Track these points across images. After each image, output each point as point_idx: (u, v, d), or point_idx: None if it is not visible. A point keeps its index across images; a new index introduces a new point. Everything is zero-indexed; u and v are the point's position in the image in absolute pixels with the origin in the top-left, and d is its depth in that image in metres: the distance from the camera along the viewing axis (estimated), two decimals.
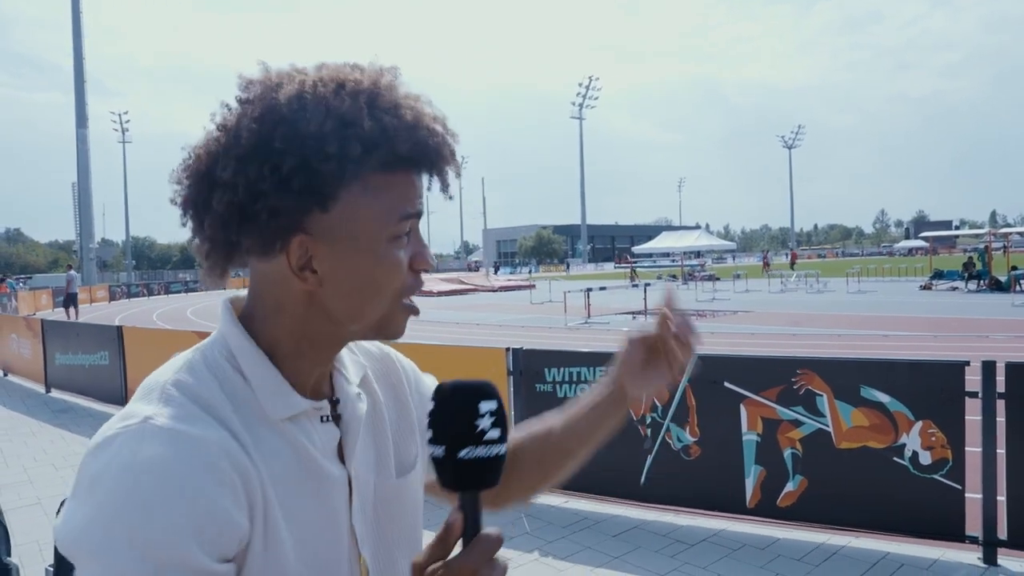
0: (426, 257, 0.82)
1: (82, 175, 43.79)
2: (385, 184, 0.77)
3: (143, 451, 0.68)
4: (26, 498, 5.29)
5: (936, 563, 3.72)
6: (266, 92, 0.75)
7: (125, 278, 70.00)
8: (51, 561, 1.57)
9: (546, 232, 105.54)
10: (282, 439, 0.79)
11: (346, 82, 0.76)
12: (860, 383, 3.95)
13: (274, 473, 0.76)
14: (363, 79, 0.77)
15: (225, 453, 0.71)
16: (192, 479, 0.67)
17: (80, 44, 43.21)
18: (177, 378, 0.76)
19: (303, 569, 0.77)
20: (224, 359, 0.80)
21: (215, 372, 0.78)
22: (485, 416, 0.71)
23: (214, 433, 0.72)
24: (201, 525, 0.67)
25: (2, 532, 1.57)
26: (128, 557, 0.64)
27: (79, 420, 8.10)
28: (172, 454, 0.68)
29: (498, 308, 23.19)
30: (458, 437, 0.70)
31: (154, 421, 0.70)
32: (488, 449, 0.71)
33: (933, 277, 25.87)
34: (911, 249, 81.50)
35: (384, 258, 0.78)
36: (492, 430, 0.71)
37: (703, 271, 38.39)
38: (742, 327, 14.86)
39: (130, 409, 0.73)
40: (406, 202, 0.79)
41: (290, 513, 0.77)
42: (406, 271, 0.80)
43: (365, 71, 0.78)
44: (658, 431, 4.51)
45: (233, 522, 0.70)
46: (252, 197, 0.73)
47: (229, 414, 0.75)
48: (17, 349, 11.20)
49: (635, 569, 3.82)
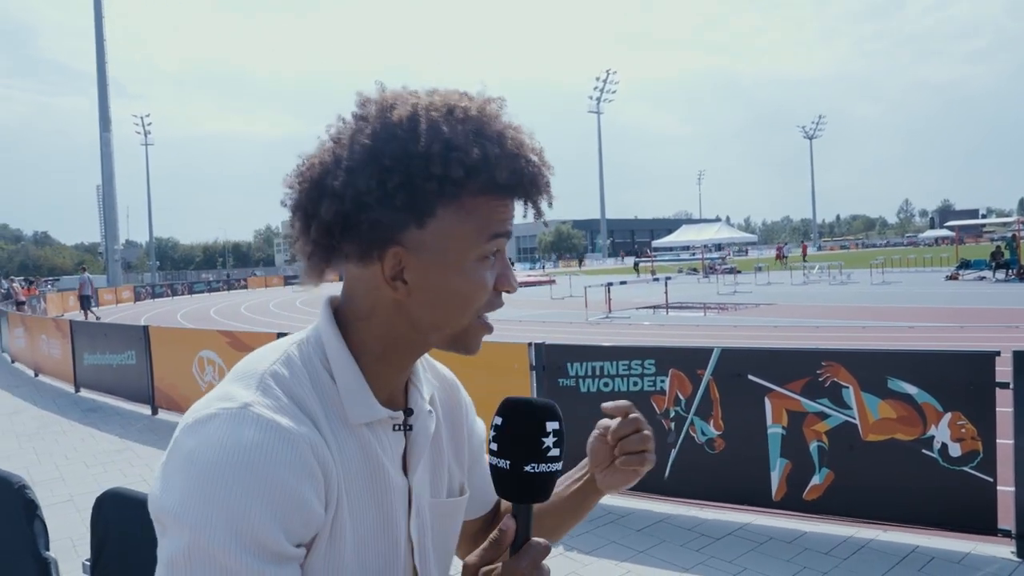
0: (509, 279, 0.86)
1: (106, 178, 44.39)
2: (480, 207, 0.81)
3: (242, 435, 0.72)
4: (59, 495, 5.38)
5: (967, 556, 3.67)
6: (381, 111, 0.80)
7: (149, 279, 70.89)
8: (87, 556, 1.61)
9: (565, 227, 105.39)
10: (357, 442, 0.84)
11: (456, 108, 0.79)
12: (887, 374, 3.90)
13: (348, 473, 0.81)
14: (471, 106, 0.81)
15: (312, 448, 0.76)
16: (284, 469, 0.72)
17: (103, 49, 43.77)
18: (275, 370, 0.81)
19: (358, 569, 0.82)
20: (317, 357, 0.85)
21: (308, 369, 0.84)
22: (550, 435, 0.77)
23: (305, 428, 0.77)
24: (287, 512, 0.72)
25: (40, 527, 1.60)
26: (220, 533, 0.69)
27: (107, 419, 8.23)
28: (268, 443, 0.73)
29: (518, 304, 23.21)
30: (525, 452, 0.76)
31: (253, 408, 0.75)
32: (550, 466, 0.77)
33: (960, 267, 25.48)
34: (937, 239, 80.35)
35: (470, 275, 0.83)
36: (554, 449, 0.77)
37: (724, 264, 38.09)
38: (764, 320, 14.75)
39: (227, 391, 0.78)
40: (497, 224, 0.83)
41: (354, 513, 0.82)
42: (489, 289, 0.85)
43: (474, 99, 0.82)
44: (682, 425, 4.49)
45: (313, 512, 0.75)
46: (358, 208, 0.78)
47: (318, 412, 0.81)
48: (47, 350, 11.39)
49: (660, 563, 3.81)
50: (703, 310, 17.87)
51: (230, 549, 0.69)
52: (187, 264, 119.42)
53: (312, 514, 0.75)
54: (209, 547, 0.68)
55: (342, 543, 0.80)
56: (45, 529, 1.62)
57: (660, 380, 4.57)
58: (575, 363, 4.82)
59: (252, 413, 0.74)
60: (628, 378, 4.66)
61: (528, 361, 4.98)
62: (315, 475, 0.76)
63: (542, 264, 72.55)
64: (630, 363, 4.66)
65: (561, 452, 0.78)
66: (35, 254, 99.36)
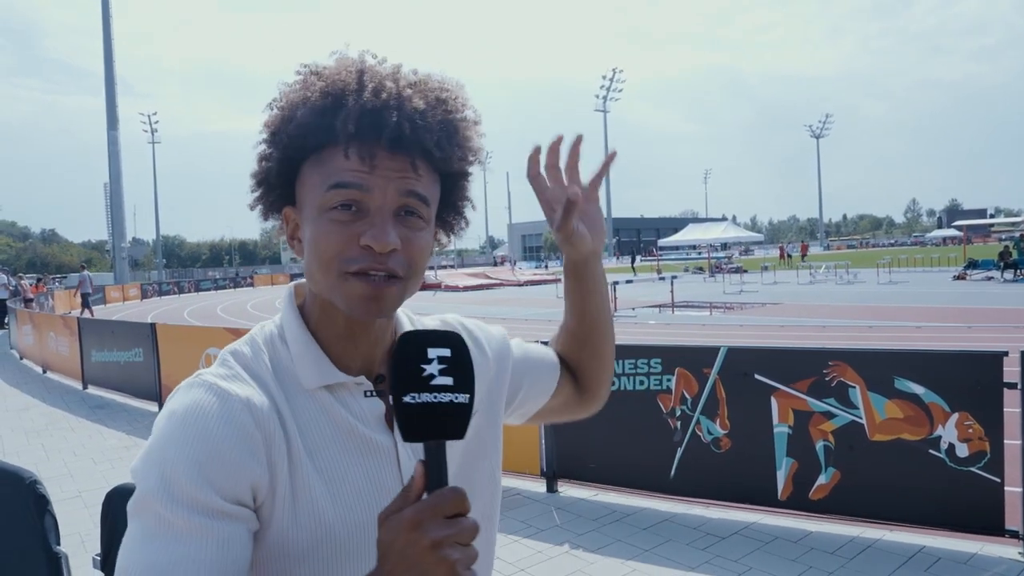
0: (372, 234, 0.81)
1: (113, 176, 44.53)
2: (326, 158, 0.84)
3: (184, 399, 0.80)
4: (68, 491, 5.42)
5: (974, 557, 3.67)
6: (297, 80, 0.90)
7: (156, 276, 71.09)
8: (96, 551, 1.62)
9: None
10: (318, 406, 0.87)
11: (347, 70, 0.85)
12: (894, 374, 3.90)
13: (310, 435, 0.85)
14: (364, 69, 0.85)
15: (249, 410, 0.80)
16: (209, 424, 0.77)
17: (110, 48, 43.90)
18: (236, 348, 0.90)
19: (341, 527, 0.84)
20: (278, 334, 0.91)
21: (268, 345, 0.90)
22: (433, 362, 0.70)
23: (247, 392, 0.82)
24: (205, 464, 0.75)
25: (51, 521, 1.61)
26: (154, 483, 0.75)
27: (115, 415, 8.27)
28: (201, 403, 0.79)
29: (524, 302, 23.21)
30: (403, 382, 0.69)
31: (203, 377, 0.83)
32: (437, 395, 0.68)
33: (967, 267, 25.37)
34: (944, 238, 80.00)
35: (315, 224, 0.84)
36: (442, 377, 0.69)
37: (730, 263, 38.03)
38: (771, 319, 14.72)
39: (203, 368, 0.87)
40: (336, 173, 0.82)
41: (327, 471, 0.85)
42: (337, 241, 0.82)
43: (377, 66, 0.88)
44: (688, 424, 4.49)
45: (242, 468, 0.78)
46: (258, 168, 0.90)
47: (270, 381, 0.86)
48: (55, 347, 11.45)
49: (666, 562, 3.82)
50: (709, 309, 17.84)
51: (162, 499, 0.74)
52: (193, 262, 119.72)
53: (240, 469, 0.77)
54: (147, 497, 0.75)
55: (312, 502, 0.82)
56: (56, 524, 1.64)
57: (666, 379, 4.57)
58: None
59: (200, 381, 0.82)
60: (634, 377, 4.66)
61: None
62: (247, 433, 0.79)
63: (545, 263, 72.50)
64: (636, 362, 4.66)
65: (463, 382, 0.70)
66: (43, 252, 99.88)
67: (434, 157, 0.84)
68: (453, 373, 0.70)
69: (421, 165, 0.83)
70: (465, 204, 0.96)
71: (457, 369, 0.71)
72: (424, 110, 0.83)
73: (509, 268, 47.84)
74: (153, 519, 0.74)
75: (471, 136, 0.89)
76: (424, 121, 0.82)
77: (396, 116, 0.80)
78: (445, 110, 0.85)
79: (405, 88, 0.83)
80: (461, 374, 0.71)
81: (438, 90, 0.87)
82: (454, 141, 0.86)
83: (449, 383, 0.69)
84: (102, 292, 32.95)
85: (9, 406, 9.22)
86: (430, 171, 0.86)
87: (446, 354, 0.70)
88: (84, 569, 1.89)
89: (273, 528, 0.81)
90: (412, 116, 0.81)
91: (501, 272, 42.64)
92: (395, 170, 0.82)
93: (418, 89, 0.85)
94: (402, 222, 0.83)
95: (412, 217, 0.84)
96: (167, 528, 0.74)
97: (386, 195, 0.82)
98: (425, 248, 0.87)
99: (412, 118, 0.81)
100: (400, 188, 0.82)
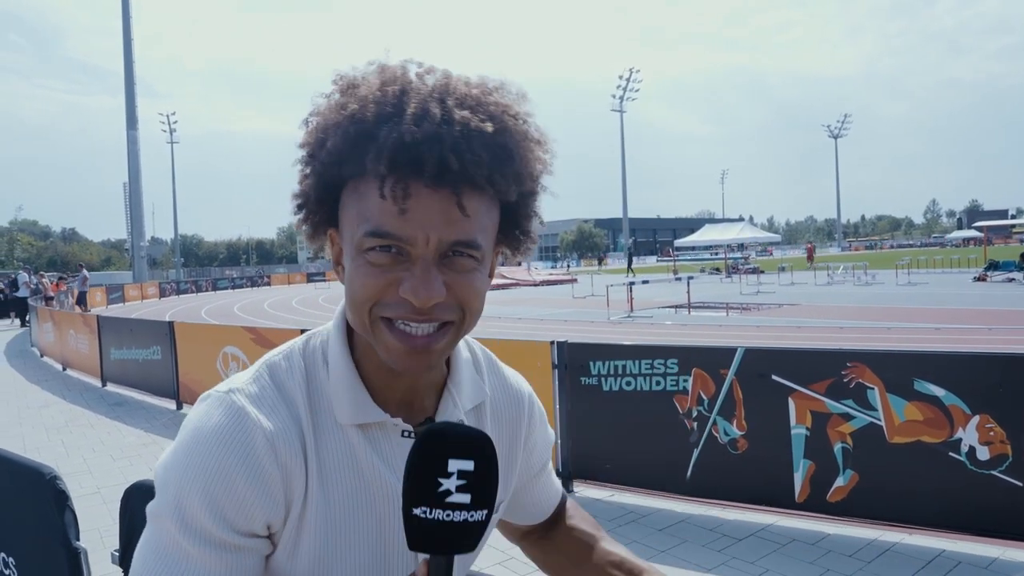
0: (411, 286, 0.72)
1: (133, 175, 44.93)
2: (364, 191, 0.74)
3: (210, 420, 0.77)
4: (87, 487, 5.47)
5: (995, 562, 3.62)
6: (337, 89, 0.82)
7: (174, 275, 71.74)
8: (115, 547, 1.63)
9: (587, 226, 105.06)
10: (345, 442, 0.81)
11: (389, 86, 0.77)
12: (913, 376, 3.85)
13: (330, 478, 0.80)
14: (407, 85, 0.76)
15: (272, 446, 0.76)
16: (228, 462, 0.75)
17: (130, 49, 44.29)
18: (275, 360, 0.84)
19: (343, 566, 0.81)
20: (321, 353, 0.85)
21: (308, 363, 0.84)
22: (453, 476, 0.62)
23: (272, 423, 0.77)
24: (220, 500, 0.74)
25: (71, 517, 1.63)
26: (170, 502, 0.75)
27: (133, 413, 8.34)
28: (226, 431, 0.76)
29: (540, 302, 23.18)
30: (416, 493, 0.63)
31: (232, 395, 0.79)
32: (449, 514, 0.62)
33: (988, 268, 25.02)
34: (964, 239, 79.06)
35: (355, 264, 0.75)
36: (459, 494, 0.62)
37: (747, 264, 37.78)
38: (788, 320, 14.60)
39: (237, 375, 0.83)
40: (372, 216, 0.72)
41: (334, 509, 0.80)
42: (379, 288, 0.73)
43: (418, 79, 0.79)
44: (705, 424, 4.47)
45: (257, 507, 0.76)
46: (300, 186, 0.82)
47: (301, 407, 0.80)
48: (75, 345, 11.57)
49: (682, 563, 3.79)
50: (726, 310, 17.73)
51: (175, 521, 0.74)
52: (211, 261, 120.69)
53: (255, 510, 0.76)
54: (163, 511, 0.76)
55: (313, 537, 0.79)
56: (76, 519, 1.65)
57: (683, 380, 4.54)
58: (597, 362, 4.80)
59: (228, 399, 0.78)
60: (651, 377, 4.64)
61: (551, 359, 4.98)
62: (266, 474, 0.76)
63: (566, 263, 72.43)
64: (652, 362, 4.64)
65: (476, 500, 0.63)
66: (63, 250, 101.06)
67: (486, 191, 0.74)
68: (472, 490, 0.63)
69: (471, 201, 0.72)
70: (531, 222, 0.84)
71: (478, 484, 0.63)
72: (473, 136, 0.71)
73: (525, 268, 47.80)
74: (167, 535, 0.75)
75: (531, 159, 0.77)
76: (473, 152, 0.70)
77: (439, 149, 0.69)
78: (500, 130, 0.73)
79: (453, 109, 0.72)
80: (481, 489, 0.63)
81: (493, 106, 0.75)
82: (510, 170, 0.74)
83: (466, 501, 0.63)
84: (121, 290, 33.27)
85: (30, 403, 9.33)
86: (485, 201, 0.75)
87: (468, 468, 0.63)
88: (103, 564, 1.91)
89: (274, 556, 0.80)
90: (459, 146, 0.70)
91: (517, 272, 42.59)
92: (439, 212, 0.71)
93: (467, 106, 0.73)
94: (449, 265, 0.74)
95: (462, 258, 0.74)
96: (178, 548, 0.74)
97: (428, 243, 0.71)
98: (479, 288, 0.77)
99: (459, 149, 0.70)
100: (444, 236, 0.72)
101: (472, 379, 0.93)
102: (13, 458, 1.81)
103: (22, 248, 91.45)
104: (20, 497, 1.76)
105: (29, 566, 1.77)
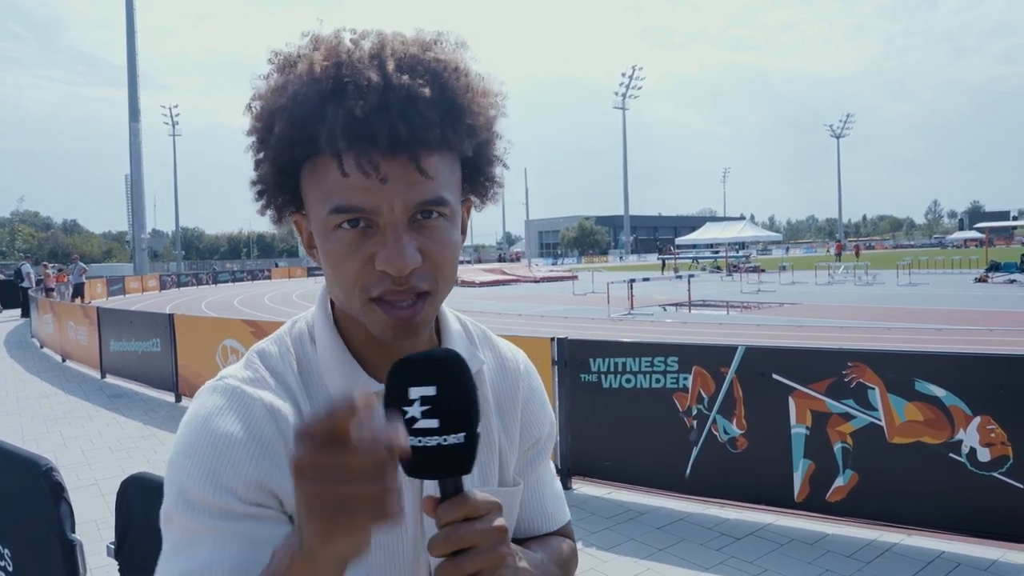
0: (387, 257, 0.72)
1: (134, 168, 44.91)
2: (322, 169, 0.74)
3: (204, 406, 0.79)
4: (84, 479, 5.47)
5: (995, 564, 3.61)
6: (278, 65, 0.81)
7: (175, 268, 71.89)
8: (111, 539, 1.62)
9: (588, 223, 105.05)
10: None
11: (336, 53, 0.76)
12: (914, 376, 3.84)
13: None
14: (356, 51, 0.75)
15: (272, 416, 0.77)
16: (223, 431, 0.75)
17: (133, 41, 44.23)
18: (264, 347, 0.86)
19: None
20: (308, 334, 0.86)
21: (297, 345, 0.86)
22: (415, 403, 0.63)
23: (270, 398, 0.79)
24: (220, 471, 0.74)
25: (67, 509, 1.62)
26: (174, 497, 0.75)
27: (132, 405, 8.34)
28: (220, 408, 0.77)
29: (540, 299, 23.17)
30: None
31: (226, 381, 0.81)
32: (421, 440, 0.63)
33: (989, 269, 25.00)
34: (965, 240, 79.02)
35: (328, 244, 0.75)
36: (426, 419, 0.63)
37: (748, 263, 37.75)
38: (789, 319, 14.60)
39: (228, 367, 0.84)
40: (337, 193, 0.72)
41: None
42: (358, 267, 0.73)
43: (362, 44, 0.78)
44: (704, 423, 4.46)
45: (260, 472, 0.75)
46: (256, 170, 0.81)
47: (295, 385, 0.82)
48: (75, 336, 11.57)
49: (680, 562, 3.79)
50: (726, 308, 17.72)
51: (183, 511, 0.74)
52: (212, 254, 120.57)
53: (259, 475, 0.75)
54: (170, 511, 0.75)
55: None
56: (71, 512, 1.64)
57: (683, 377, 4.53)
58: (597, 359, 4.79)
59: (223, 384, 0.80)
60: (651, 375, 4.62)
61: (551, 356, 4.97)
62: (267, 440, 0.76)
63: (572, 259, 72.43)
64: (653, 360, 4.63)
65: (447, 424, 0.63)
66: (64, 242, 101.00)
67: (442, 150, 0.74)
68: (439, 414, 0.63)
69: (429, 162, 0.72)
70: (494, 168, 0.84)
71: (444, 408, 0.63)
72: (418, 99, 0.71)
73: (525, 264, 47.76)
74: (179, 531, 0.74)
75: (480, 109, 0.77)
76: (421, 116, 0.70)
77: (388, 119, 0.69)
78: (443, 87, 0.73)
79: (394, 74, 0.71)
80: (449, 413, 0.63)
81: (433, 63, 0.74)
82: (461, 125, 0.75)
83: (434, 426, 0.63)
84: (121, 282, 33.28)
85: (29, 394, 9.33)
86: (444, 158, 0.75)
87: (430, 393, 0.63)
88: (99, 557, 1.90)
89: None
90: (406, 112, 0.70)
91: (517, 268, 42.64)
92: (400, 178, 0.71)
93: (407, 67, 0.73)
94: (419, 228, 0.74)
95: (431, 219, 0.74)
96: (192, 536, 0.73)
97: (394, 210, 0.72)
98: (452, 248, 0.77)
99: (407, 115, 0.70)
100: (408, 200, 0.72)
101: (466, 348, 0.92)
102: (9, 449, 1.80)
103: (23, 239, 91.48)
104: (16, 488, 1.75)
105: (24, 558, 1.76)
